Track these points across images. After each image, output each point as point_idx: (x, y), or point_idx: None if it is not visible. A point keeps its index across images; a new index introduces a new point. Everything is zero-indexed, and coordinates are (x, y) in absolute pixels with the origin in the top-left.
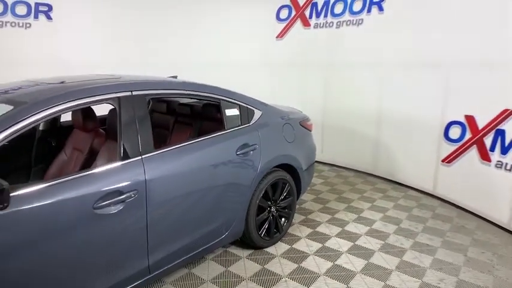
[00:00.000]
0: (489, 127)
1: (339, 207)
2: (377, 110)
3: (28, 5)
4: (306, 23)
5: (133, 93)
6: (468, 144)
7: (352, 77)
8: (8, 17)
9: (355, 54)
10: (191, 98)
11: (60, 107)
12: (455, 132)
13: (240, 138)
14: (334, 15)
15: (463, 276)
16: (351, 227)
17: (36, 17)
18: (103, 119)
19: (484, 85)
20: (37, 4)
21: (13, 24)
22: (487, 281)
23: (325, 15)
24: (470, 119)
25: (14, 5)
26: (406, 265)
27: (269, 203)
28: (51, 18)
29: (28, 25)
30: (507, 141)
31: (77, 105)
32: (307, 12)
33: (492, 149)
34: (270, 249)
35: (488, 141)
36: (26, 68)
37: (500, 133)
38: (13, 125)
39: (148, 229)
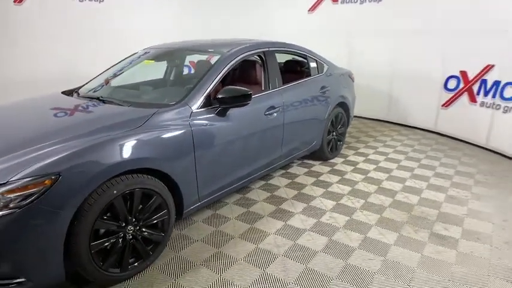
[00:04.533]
0: (476, 78)
1: (369, 140)
2: (390, 70)
3: None
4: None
5: (270, 49)
6: (461, 91)
7: (370, 42)
8: None
9: (375, 25)
10: (291, 54)
11: (243, 55)
12: (452, 84)
13: (320, 81)
14: None
15: (460, 166)
16: (382, 149)
17: None
18: None
19: (473, 48)
20: None
21: None
22: (472, 165)
23: None
24: (463, 73)
25: None
26: (423, 166)
27: (333, 128)
28: None
29: None
30: (488, 87)
31: (250, 54)
32: None
33: (478, 93)
34: (332, 161)
35: (475, 88)
36: (108, 37)
37: (484, 81)
38: (227, 64)
39: (283, 131)
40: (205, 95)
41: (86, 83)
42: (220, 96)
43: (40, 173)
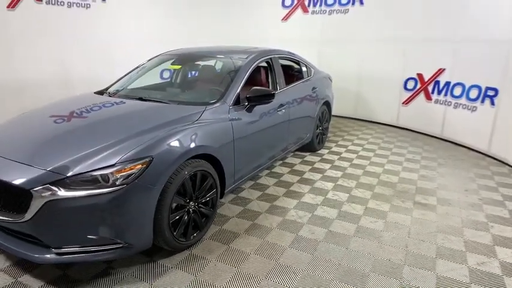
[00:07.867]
0: (431, 79)
1: (343, 135)
2: (357, 73)
3: None
4: (305, 10)
5: (275, 55)
6: (418, 91)
7: (340, 49)
8: None
9: (343, 34)
10: (287, 60)
11: (260, 60)
12: (410, 84)
13: (311, 83)
14: (327, 5)
15: (424, 153)
16: (357, 141)
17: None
18: None
19: (428, 54)
20: None
21: (78, 5)
22: (433, 152)
23: (320, 5)
24: (420, 75)
25: None
26: (395, 153)
27: (320, 123)
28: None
29: (88, 5)
30: (440, 87)
31: (263, 59)
32: (306, 2)
33: (432, 92)
34: (319, 152)
35: (430, 88)
36: (95, 44)
37: (437, 82)
38: (249, 68)
39: (289, 125)
40: (236, 94)
41: (112, 85)
42: (249, 95)
43: (139, 157)
